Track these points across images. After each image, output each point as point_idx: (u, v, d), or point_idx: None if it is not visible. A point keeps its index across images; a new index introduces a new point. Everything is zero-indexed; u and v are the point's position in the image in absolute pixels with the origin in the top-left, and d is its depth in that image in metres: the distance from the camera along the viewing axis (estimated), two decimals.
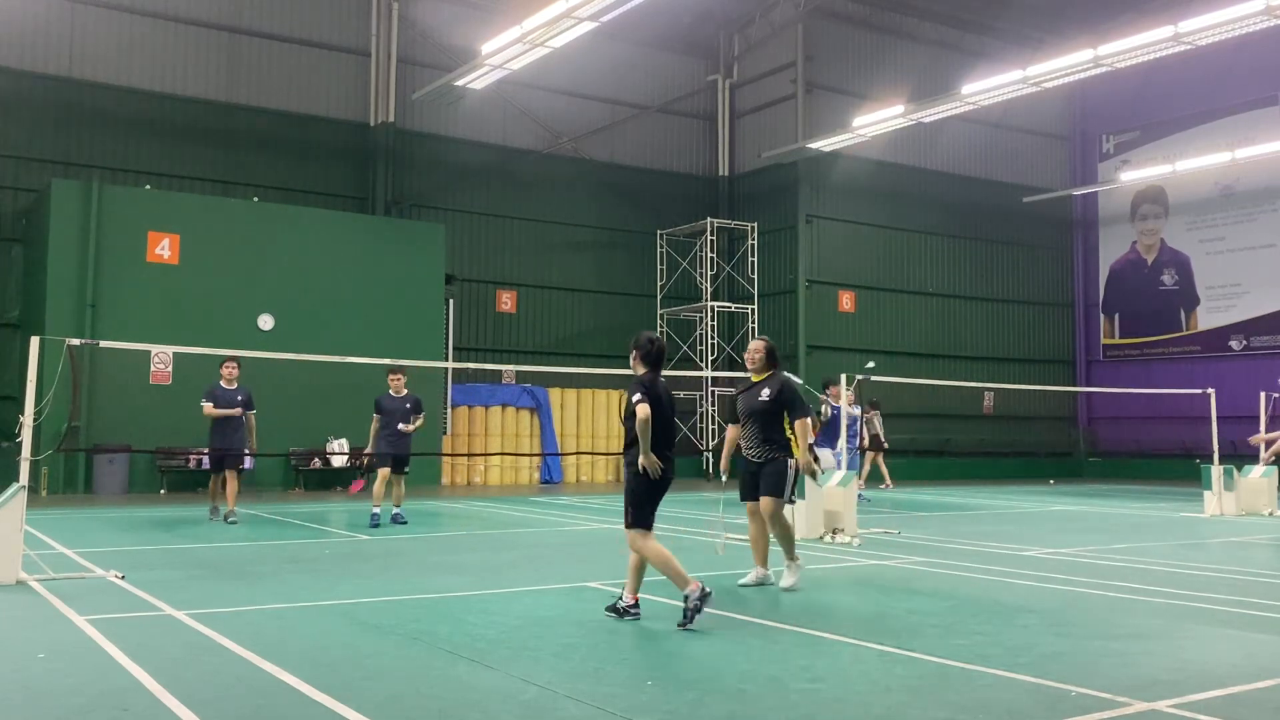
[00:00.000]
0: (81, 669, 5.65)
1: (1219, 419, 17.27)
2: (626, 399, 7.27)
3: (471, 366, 22.49)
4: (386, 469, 13.55)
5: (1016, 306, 32.03)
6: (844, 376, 14.04)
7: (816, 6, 28.19)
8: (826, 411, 15.81)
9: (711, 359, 27.25)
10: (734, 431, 8.65)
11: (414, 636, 6.55)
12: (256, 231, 21.53)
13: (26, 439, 8.90)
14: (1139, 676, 5.63)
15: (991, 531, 13.87)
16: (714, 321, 27.80)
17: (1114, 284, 32.67)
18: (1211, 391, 17.33)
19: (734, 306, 28.45)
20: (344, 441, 21.49)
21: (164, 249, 20.59)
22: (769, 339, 8.93)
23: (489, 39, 20.12)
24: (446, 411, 24.02)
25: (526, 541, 12.42)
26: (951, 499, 19.77)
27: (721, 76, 30.29)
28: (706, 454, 26.84)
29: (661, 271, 28.69)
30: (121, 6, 22.81)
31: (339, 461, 21.63)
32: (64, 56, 22.29)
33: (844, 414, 13.95)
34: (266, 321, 21.20)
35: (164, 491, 20.01)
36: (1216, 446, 16.86)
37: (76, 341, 9.93)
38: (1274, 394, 17.68)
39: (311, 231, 22.22)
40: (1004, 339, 31.71)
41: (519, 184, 27.08)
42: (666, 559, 7.02)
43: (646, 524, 7.14)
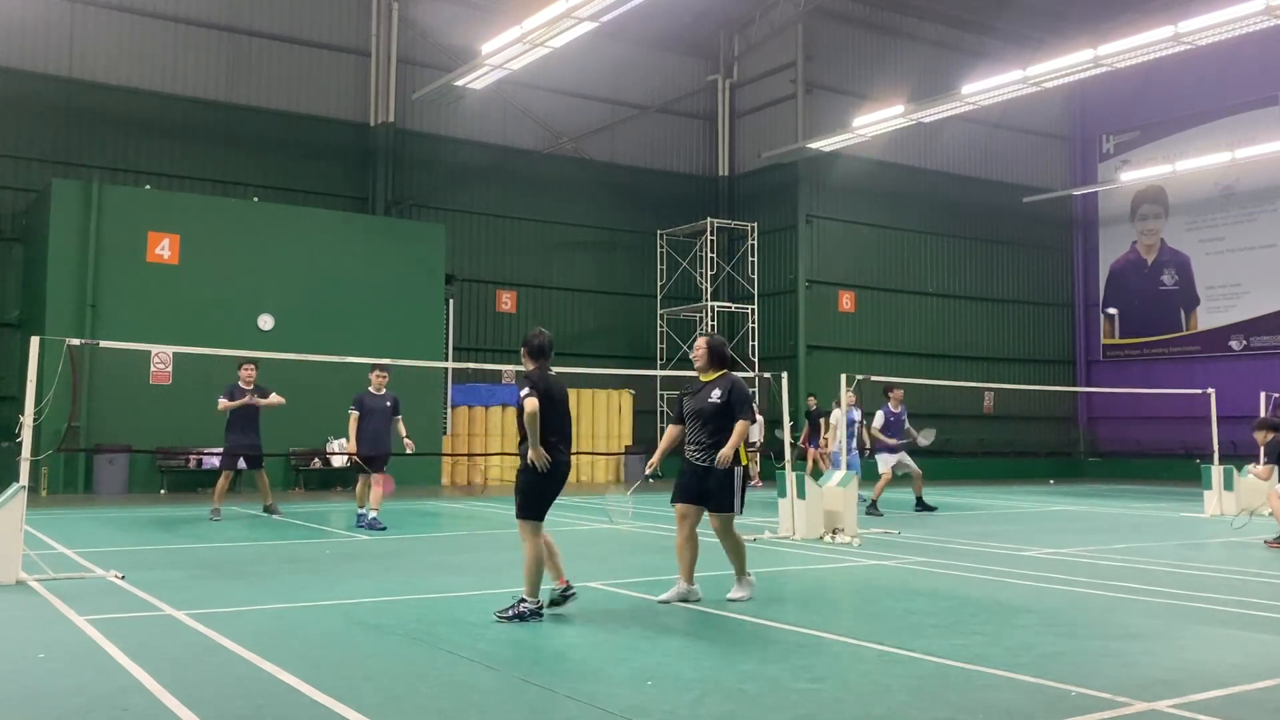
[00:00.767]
0: (81, 669, 5.65)
1: (1219, 419, 17.29)
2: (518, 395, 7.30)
3: (471, 366, 22.45)
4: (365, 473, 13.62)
5: (1016, 306, 32.02)
6: (844, 377, 14.03)
7: (816, 6, 28.18)
8: (878, 417, 16.32)
9: None
10: (675, 431, 8.26)
11: (414, 636, 6.55)
12: (256, 232, 21.51)
13: (26, 439, 8.90)
14: (1139, 676, 5.63)
15: (991, 531, 13.87)
16: (714, 321, 27.76)
17: (1114, 284, 32.67)
18: (1211, 391, 17.34)
19: (734, 306, 28.43)
20: (344, 442, 21.42)
21: (164, 249, 20.58)
22: (715, 336, 8.57)
23: (489, 39, 20.12)
24: (446, 411, 24.00)
25: None
26: (951, 499, 19.76)
27: (721, 76, 30.28)
28: None
29: (661, 271, 28.67)
30: (121, 6, 22.81)
31: (339, 461, 21.62)
32: (64, 56, 22.28)
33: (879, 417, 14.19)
34: (266, 321, 21.18)
35: (164, 491, 20.00)
36: (1216, 446, 16.87)
37: (76, 341, 9.94)
38: (1274, 394, 17.69)
39: (312, 231, 22.20)
40: (1004, 339, 31.70)
41: (519, 184, 27.08)
42: (540, 561, 7.13)
43: (537, 516, 7.23)
